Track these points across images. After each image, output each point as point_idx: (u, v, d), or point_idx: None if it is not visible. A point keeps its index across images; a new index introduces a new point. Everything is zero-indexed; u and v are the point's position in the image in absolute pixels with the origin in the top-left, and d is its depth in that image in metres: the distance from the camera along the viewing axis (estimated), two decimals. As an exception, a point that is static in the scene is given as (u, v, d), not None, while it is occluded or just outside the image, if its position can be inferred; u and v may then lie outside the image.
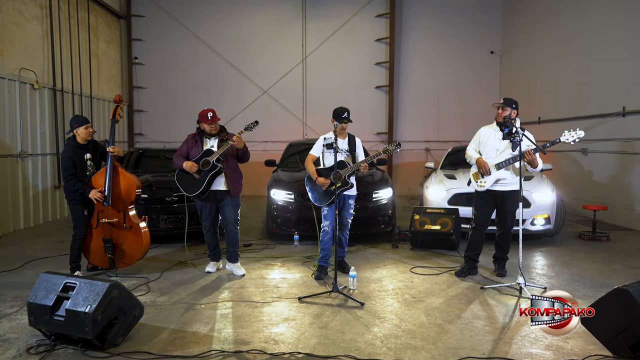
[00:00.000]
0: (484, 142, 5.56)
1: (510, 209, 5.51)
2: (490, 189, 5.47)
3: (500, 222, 5.62)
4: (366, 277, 5.62)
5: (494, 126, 5.56)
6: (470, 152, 5.66)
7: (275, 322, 4.28)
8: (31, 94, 9.17)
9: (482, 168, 5.42)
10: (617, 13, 9.14)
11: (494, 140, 5.48)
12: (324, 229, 5.64)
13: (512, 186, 5.43)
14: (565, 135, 5.02)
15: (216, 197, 5.66)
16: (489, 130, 5.58)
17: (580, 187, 10.18)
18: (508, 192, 5.44)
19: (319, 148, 5.75)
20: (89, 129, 5.60)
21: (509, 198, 5.46)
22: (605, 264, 6.25)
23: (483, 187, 5.49)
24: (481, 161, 5.44)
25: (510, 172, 5.40)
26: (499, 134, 5.41)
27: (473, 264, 5.73)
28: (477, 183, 5.55)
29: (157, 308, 4.63)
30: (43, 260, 6.46)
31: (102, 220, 5.57)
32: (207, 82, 13.82)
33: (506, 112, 5.34)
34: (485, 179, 5.45)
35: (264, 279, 5.61)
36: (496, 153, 5.44)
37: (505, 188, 5.44)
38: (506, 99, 5.43)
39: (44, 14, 9.75)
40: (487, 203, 5.59)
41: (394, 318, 4.36)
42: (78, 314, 3.58)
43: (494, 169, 5.39)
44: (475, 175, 5.59)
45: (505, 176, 5.40)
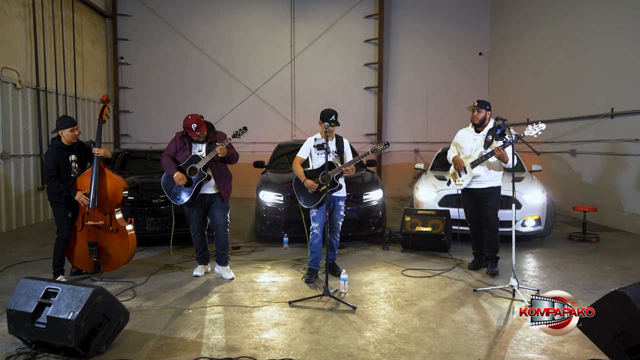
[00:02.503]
0: (460, 143, 5.86)
1: (490, 205, 5.68)
2: (468, 187, 5.72)
3: (482, 220, 5.78)
4: (357, 280, 5.53)
5: (469, 128, 5.83)
6: (449, 153, 5.96)
7: (266, 328, 4.17)
8: (13, 93, 8.96)
9: (457, 165, 5.70)
10: (605, 14, 9.17)
11: (469, 140, 5.76)
12: (313, 231, 5.55)
13: (487, 183, 5.65)
14: (529, 129, 5.10)
15: (205, 201, 5.54)
16: (465, 132, 5.89)
17: (568, 188, 10.20)
18: (485, 189, 5.67)
19: (307, 150, 5.66)
20: (75, 132, 5.45)
21: (485, 195, 5.67)
22: (596, 265, 6.23)
23: (461, 186, 5.76)
24: (456, 159, 5.75)
25: (484, 169, 5.59)
26: (473, 134, 5.71)
27: (480, 257, 5.96)
28: (455, 182, 5.80)
29: (144, 314, 4.50)
30: (26, 264, 6.28)
31: (87, 223, 5.41)
32: (195, 82, 13.65)
33: (481, 114, 5.62)
34: (462, 178, 5.70)
35: (254, 283, 5.50)
36: (471, 152, 5.67)
37: (481, 185, 5.67)
38: (480, 101, 5.70)
39: (27, 12, 9.54)
40: (471, 201, 5.86)
41: (386, 322, 4.28)
42: (60, 321, 3.44)
43: (469, 168, 5.60)
44: (453, 175, 5.86)
45: (480, 173, 5.61)
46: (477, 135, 5.67)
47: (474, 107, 5.63)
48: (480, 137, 5.61)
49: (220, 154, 5.25)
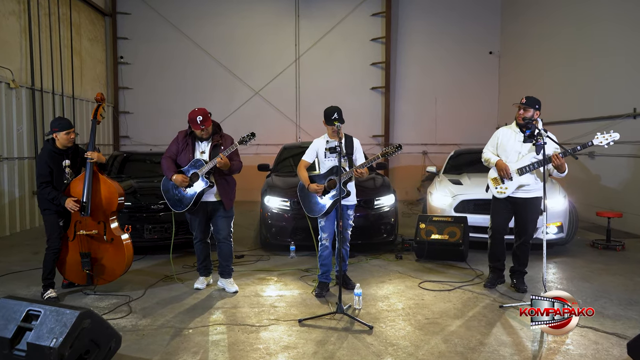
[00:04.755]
0: (504, 145, 5.10)
1: (532, 217, 5.06)
2: (511, 196, 5.02)
3: (521, 231, 5.16)
4: (372, 294, 5.10)
5: (513, 127, 5.11)
6: (488, 155, 5.18)
7: (274, 351, 3.75)
8: (7, 93, 8.57)
9: (502, 171, 4.97)
10: (623, 10, 8.74)
11: (515, 142, 5.02)
12: (322, 242, 5.12)
13: (534, 192, 4.99)
14: (599, 137, 4.53)
15: (207, 209, 5.13)
16: (509, 132, 5.12)
17: (588, 192, 9.74)
18: (530, 199, 5.01)
19: (313, 153, 5.20)
20: (71, 135, 5.02)
21: (531, 205, 5.02)
22: (626, 276, 5.79)
23: (504, 194, 5.02)
24: (502, 164, 4.98)
25: (534, 177, 4.94)
26: (520, 136, 4.98)
27: (499, 273, 5.35)
28: (497, 189, 5.08)
29: (139, 334, 4.08)
30: (15, 274, 5.89)
31: (79, 232, 5.00)
32: (197, 82, 13.25)
33: (528, 113, 4.90)
34: (506, 185, 4.99)
35: (259, 297, 5.07)
36: (518, 156, 4.99)
37: (528, 195, 5.00)
38: (529, 98, 4.97)
39: (22, 9, 9.15)
40: (506, 210, 5.15)
41: (408, 345, 3.85)
42: (42, 348, 3.02)
43: (515, 174, 4.93)
44: (494, 181, 5.11)
45: (529, 182, 4.94)
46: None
47: (520, 105, 4.96)
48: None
49: (218, 165, 4.84)
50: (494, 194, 5.14)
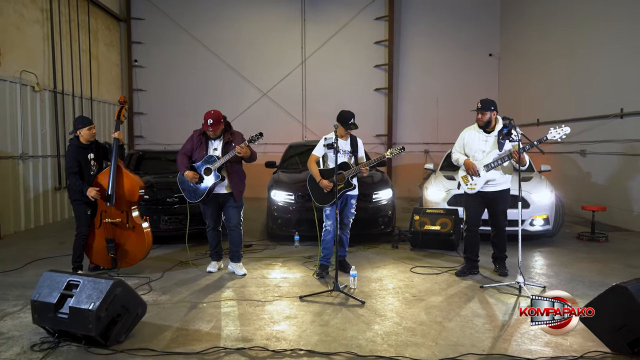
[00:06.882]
0: (470, 145, 5.59)
1: (502, 208, 5.58)
2: (481, 191, 5.50)
3: (494, 223, 5.66)
4: (367, 277, 5.66)
5: (476, 128, 5.59)
6: (457, 156, 5.68)
7: (277, 320, 4.32)
8: (32, 96, 9.21)
9: (470, 169, 5.46)
10: (615, 14, 9.21)
11: (479, 142, 5.51)
12: (326, 228, 5.70)
13: (501, 186, 5.50)
14: (552, 132, 5.06)
15: (219, 200, 5.72)
16: (473, 133, 5.60)
17: (578, 188, 10.23)
18: (498, 192, 5.51)
19: (321, 148, 5.78)
20: (92, 130, 5.68)
21: (500, 198, 5.52)
22: (604, 263, 6.29)
23: (474, 190, 5.51)
24: (469, 163, 5.47)
25: (500, 172, 5.44)
26: (483, 135, 5.48)
27: (473, 263, 5.77)
28: (467, 185, 5.56)
29: (160, 307, 4.67)
30: (44, 260, 6.49)
31: (105, 220, 5.61)
32: (207, 84, 13.85)
33: (486, 116, 5.40)
34: (475, 181, 5.49)
35: (265, 279, 5.65)
36: (483, 154, 5.48)
37: (495, 188, 5.50)
38: (483, 101, 5.43)
39: (45, 17, 9.79)
40: (477, 204, 5.63)
41: (394, 316, 4.40)
42: (82, 311, 3.61)
43: (483, 171, 5.42)
44: (464, 178, 5.61)
45: (495, 177, 5.44)
46: (488, 136, 5.45)
47: (477, 110, 5.43)
48: (492, 138, 5.41)
49: (240, 154, 5.40)
50: (465, 190, 5.62)
